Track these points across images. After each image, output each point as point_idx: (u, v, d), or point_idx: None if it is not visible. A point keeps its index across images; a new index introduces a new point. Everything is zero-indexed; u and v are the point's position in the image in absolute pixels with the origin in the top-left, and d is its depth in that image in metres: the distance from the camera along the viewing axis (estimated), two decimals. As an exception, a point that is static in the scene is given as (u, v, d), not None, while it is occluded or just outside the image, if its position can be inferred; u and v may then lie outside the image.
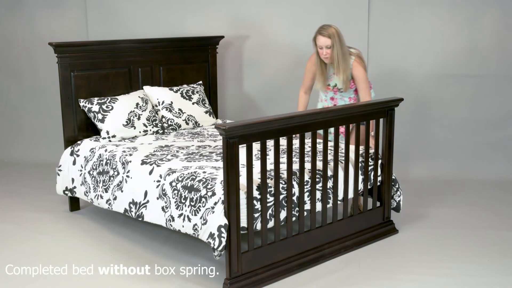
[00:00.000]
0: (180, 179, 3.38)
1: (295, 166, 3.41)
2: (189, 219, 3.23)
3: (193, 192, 3.25)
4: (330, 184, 3.55)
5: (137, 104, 4.42)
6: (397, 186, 3.95)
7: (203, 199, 3.17)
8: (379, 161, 3.85)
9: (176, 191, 3.35)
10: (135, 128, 4.34)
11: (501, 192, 4.80)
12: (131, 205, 3.66)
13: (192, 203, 3.23)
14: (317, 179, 3.46)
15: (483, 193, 4.79)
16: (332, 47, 3.93)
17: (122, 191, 3.74)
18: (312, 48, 4.13)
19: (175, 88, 4.74)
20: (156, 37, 5.17)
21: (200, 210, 3.17)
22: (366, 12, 5.24)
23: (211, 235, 3.05)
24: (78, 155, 4.21)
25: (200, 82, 5.02)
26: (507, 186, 4.97)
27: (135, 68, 4.71)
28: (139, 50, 4.71)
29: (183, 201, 3.29)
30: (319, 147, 3.90)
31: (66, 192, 4.31)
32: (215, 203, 3.10)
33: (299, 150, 3.34)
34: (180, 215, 3.30)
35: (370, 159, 3.81)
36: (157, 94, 4.64)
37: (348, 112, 3.52)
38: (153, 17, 5.60)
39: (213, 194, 3.14)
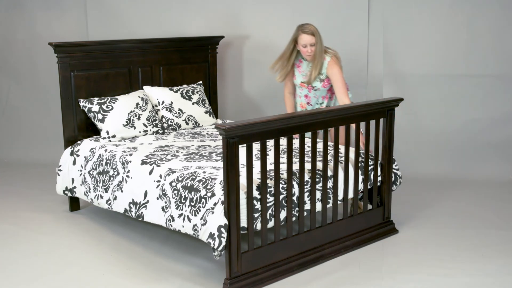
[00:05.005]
0: (180, 179, 3.38)
1: (295, 166, 3.41)
2: (189, 219, 3.23)
3: (193, 192, 3.25)
4: (330, 184, 3.55)
5: (137, 104, 4.42)
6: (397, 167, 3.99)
7: (203, 200, 3.17)
8: (378, 162, 3.85)
9: (176, 191, 3.35)
10: (135, 128, 4.34)
11: (501, 192, 4.80)
12: (131, 205, 3.66)
13: (192, 203, 3.23)
14: (317, 179, 3.46)
15: (483, 193, 4.79)
16: (316, 44, 4.06)
17: (122, 191, 3.74)
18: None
19: (175, 88, 4.74)
20: (156, 37, 5.17)
21: (200, 210, 3.17)
22: (366, 12, 5.25)
23: (211, 235, 3.05)
24: (78, 155, 4.21)
25: (200, 82, 5.02)
26: (507, 186, 4.98)
27: (135, 68, 4.71)
28: (139, 50, 4.71)
29: (183, 201, 3.29)
30: (319, 147, 3.90)
31: (66, 192, 4.31)
32: (215, 204, 3.10)
33: (299, 150, 3.34)
34: (180, 215, 3.30)
35: (370, 160, 3.81)
36: (157, 94, 4.64)
37: (348, 112, 3.52)
38: (153, 17, 5.60)
39: (213, 194, 3.14)
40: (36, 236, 3.98)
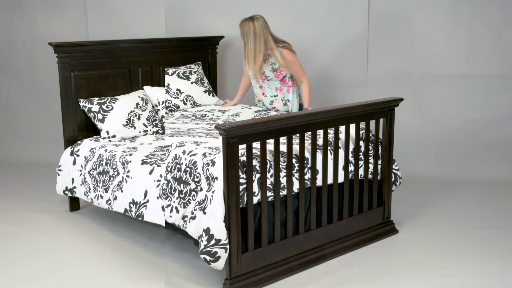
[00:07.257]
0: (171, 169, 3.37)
1: (295, 166, 3.41)
2: (178, 210, 3.23)
3: (182, 185, 3.25)
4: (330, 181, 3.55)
5: (137, 104, 4.43)
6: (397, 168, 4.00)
7: (194, 193, 3.16)
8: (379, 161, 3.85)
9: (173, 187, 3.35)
10: (135, 128, 4.34)
11: (501, 192, 4.80)
12: (131, 205, 3.66)
13: (182, 195, 3.23)
14: (317, 179, 3.46)
15: (483, 193, 4.79)
16: (245, 40, 4.30)
17: (122, 191, 3.74)
18: None
19: (170, 71, 4.73)
20: (156, 37, 5.17)
21: (189, 202, 3.17)
22: (366, 12, 5.25)
23: (205, 232, 3.04)
24: (78, 155, 4.21)
25: (199, 62, 5.01)
26: (507, 186, 4.98)
27: (135, 68, 4.71)
28: (139, 50, 4.71)
29: (178, 194, 3.29)
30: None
31: (66, 192, 4.31)
32: (212, 202, 3.10)
33: (299, 150, 3.34)
34: (172, 207, 3.29)
35: (370, 159, 3.81)
36: (157, 94, 4.64)
37: (348, 112, 3.52)
38: (153, 17, 5.60)
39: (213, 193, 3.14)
40: (36, 236, 3.99)
